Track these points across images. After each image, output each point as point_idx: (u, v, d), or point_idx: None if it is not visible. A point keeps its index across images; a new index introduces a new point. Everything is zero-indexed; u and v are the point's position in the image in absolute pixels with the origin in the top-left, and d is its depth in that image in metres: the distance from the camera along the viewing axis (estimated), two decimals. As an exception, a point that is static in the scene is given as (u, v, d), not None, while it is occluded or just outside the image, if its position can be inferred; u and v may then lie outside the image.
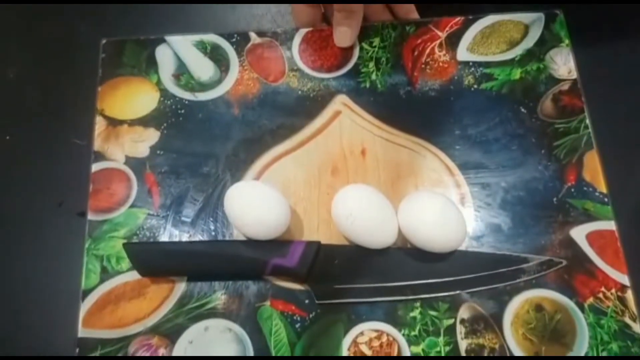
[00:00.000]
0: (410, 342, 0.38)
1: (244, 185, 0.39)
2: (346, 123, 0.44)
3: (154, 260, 0.39)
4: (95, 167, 0.43)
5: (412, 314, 0.39)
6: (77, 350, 0.38)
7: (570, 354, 0.37)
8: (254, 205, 0.38)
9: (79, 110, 0.45)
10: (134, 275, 0.40)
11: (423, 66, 0.46)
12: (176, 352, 0.38)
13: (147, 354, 0.38)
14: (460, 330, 0.38)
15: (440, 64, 0.46)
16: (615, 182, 0.42)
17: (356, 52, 0.46)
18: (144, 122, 0.44)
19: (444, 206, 0.38)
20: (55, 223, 0.42)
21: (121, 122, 0.44)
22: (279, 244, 0.39)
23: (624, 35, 0.46)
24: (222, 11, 0.50)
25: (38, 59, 0.48)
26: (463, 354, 0.38)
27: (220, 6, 0.50)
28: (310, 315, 0.39)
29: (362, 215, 0.38)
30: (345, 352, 0.38)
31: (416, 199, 0.39)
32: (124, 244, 0.40)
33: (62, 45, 0.48)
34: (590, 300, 0.39)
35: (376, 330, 0.38)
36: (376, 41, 0.47)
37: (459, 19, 0.47)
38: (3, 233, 0.42)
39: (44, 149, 0.44)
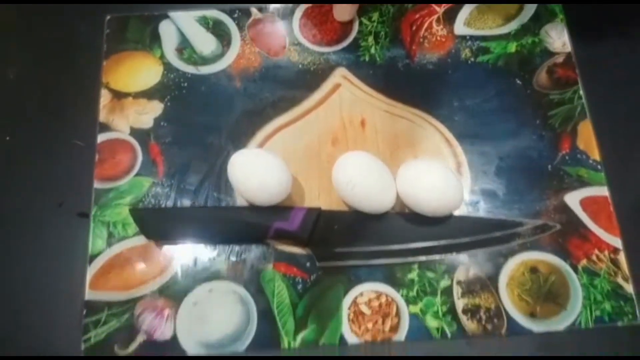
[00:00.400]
0: (408, 302, 0.39)
1: (247, 153, 0.41)
2: (346, 95, 0.45)
3: (159, 225, 0.40)
4: (100, 137, 0.44)
5: (410, 276, 0.40)
6: (85, 312, 0.39)
7: (564, 313, 0.38)
8: (257, 171, 0.39)
9: (79, 111, 0.45)
10: (139, 241, 0.41)
11: (421, 40, 0.47)
12: (181, 313, 0.39)
13: (153, 316, 0.39)
14: (456, 290, 0.39)
15: (438, 38, 0.47)
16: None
17: (355, 27, 0.47)
18: (148, 94, 0.45)
19: (441, 172, 0.39)
20: (55, 223, 0.42)
21: (126, 95, 0.45)
22: (281, 209, 0.40)
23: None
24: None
25: (38, 59, 0.48)
26: (460, 313, 0.39)
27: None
28: (312, 278, 0.40)
29: (361, 181, 0.39)
30: (345, 312, 0.39)
31: (414, 165, 0.40)
32: (130, 209, 0.41)
33: (62, 45, 0.48)
34: (584, 262, 0.40)
35: (375, 291, 0.39)
36: (375, 16, 0.48)
37: (455, -6, 0.48)
38: (3, 233, 0.42)
39: (44, 150, 0.44)
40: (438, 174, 0.39)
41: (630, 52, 0.46)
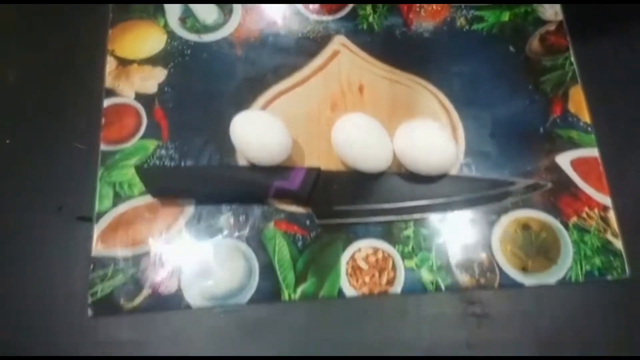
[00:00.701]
0: (404, 257, 0.40)
1: (249, 113, 0.42)
2: (344, 62, 0.47)
3: (164, 183, 0.42)
4: (107, 102, 0.45)
5: (405, 233, 0.41)
6: (92, 267, 0.40)
7: (555, 267, 0.40)
8: (258, 131, 0.41)
9: (79, 114, 0.46)
10: (145, 200, 0.42)
11: (418, 9, 0.48)
12: (185, 269, 0.40)
13: (157, 272, 0.40)
14: (451, 247, 0.41)
15: (434, 7, 0.48)
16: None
17: (354, -4, 0.49)
18: (153, 61, 0.47)
19: (436, 131, 0.41)
20: (55, 227, 0.42)
21: (131, 62, 0.47)
22: (282, 169, 0.42)
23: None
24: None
25: (38, 61, 0.48)
26: (453, 267, 0.40)
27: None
28: (311, 235, 0.41)
29: (360, 141, 0.41)
30: (343, 266, 0.40)
31: (411, 125, 0.41)
32: (135, 167, 0.42)
33: (63, 47, 0.48)
34: (574, 219, 0.41)
35: (373, 247, 0.41)
36: (373, -14, 0.49)
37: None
38: (1, 237, 0.43)
39: (44, 153, 0.45)
40: (434, 134, 0.40)
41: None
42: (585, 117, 0.44)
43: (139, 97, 0.46)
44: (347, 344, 0.39)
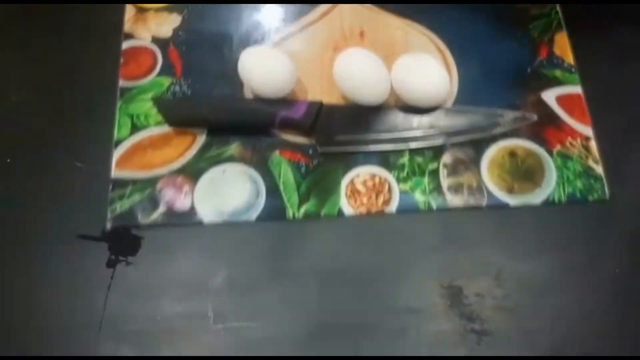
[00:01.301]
0: (399, 181, 0.44)
1: (256, 49, 0.46)
2: (346, 9, 0.50)
3: (178, 111, 0.45)
4: (125, 44, 0.49)
5: (401, 160, 0.44)
6: (111, 187, 0.44)
7: (539, 190, 0.43)
8: (264, 64, 0.44)
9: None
10: (160, 129, 0.46)
11: (414, -38, 0.52)
12: (198, 189, 0.44)
13: (173, 191, 0.44)
14: (442, 172, 0.44)
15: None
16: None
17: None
18: (168, 8, 0.50)
19: (431, 65, 0.44)
20: (56, 246, 0.43)
21: (148, 10, 0.50)
22: (286, 101, 0.45)
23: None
24: None
25: (41, 80, 0.49)
26: (445, 190, 0.43)
27: None
28: (313, 162, 0.45)
29: (359, 74, 0.44)
30: (343, 190, 0.43)
31: (408, 59, 0.45)
32: (153, 98, 0.46)
33: (65, 66, 0.50)
34: (558, 147, 0.44)
35: (370, 173, 0.44)
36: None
37: None
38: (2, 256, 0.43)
39: (44, 172, 0.45)
40: (430, 67, 0.44)
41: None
42: (570, 59, 0.47)
43: (155, 40, 0.49)
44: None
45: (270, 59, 0.44)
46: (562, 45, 0.48)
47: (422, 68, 0.44)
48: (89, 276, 0.42)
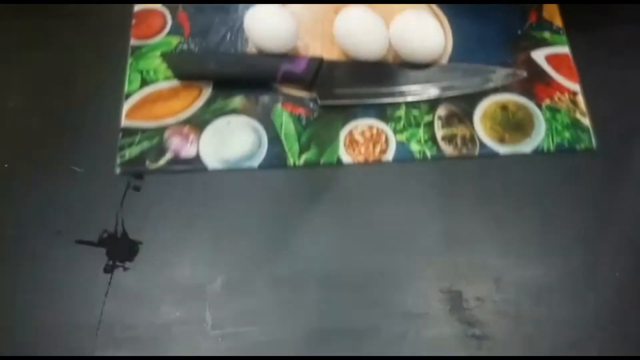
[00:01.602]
0: (395, 132, 0.46)
1: (262, 6, 0.48)
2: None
3: (186, 65, 0.48)
4: (136, 7, 0.52)
5: (398, 113, 0.46)
6: (121, 135, 0.46)
7: (529, 140, 0.45)
8: (268, 20, 0.47)
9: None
10: (169, 83, 0.48)
11: None
12: (203, 138, 0.46)
13: (179, 139, 0.46)
14: (437, 124, 0.46)
15: None
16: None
17: None
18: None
19: (427, 22, 0.46)
20: (54, 251, 0.43)
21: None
22: (289, 56, 0.47)
23: None
24: None
25: (37, 86, 0.50)
26: (439, 140, 0.45)
27: None
28: (314, 115, 0.47)
29: (359, 31, 0.46)
30: (342, 140, 0.46)
31: (406, 16, 0.47)
32: (162, 54, 0.48)
33: (62, 69, 0.50)
34: (547, 101, 0.46)
35: (368, 125, 0.46)
36: None
37: None
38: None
39: (41, 176, 0.46)
40: (425, 24, 0.46)
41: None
42: (558, 22, 0.50)
43: (165, 2, 0.52)
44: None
45: (274, 16, 0.47)
46: (551, 11, 0.50)
47: (419, 25, 0.46)
48: (87, 282, 0.42)
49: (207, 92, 0.48)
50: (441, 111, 0.46)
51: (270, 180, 0.45)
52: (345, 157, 0.45)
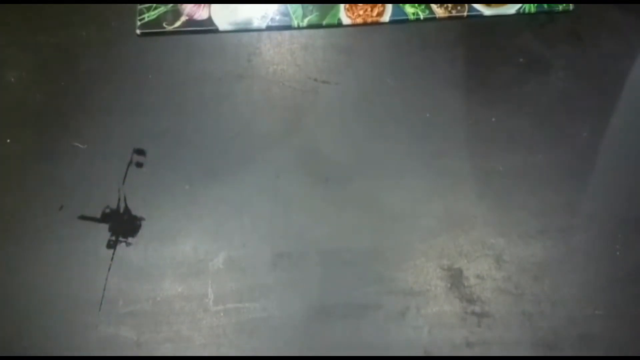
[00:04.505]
0: None
1: None
2: None
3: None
4: None
5: (394, -19, 0.51)
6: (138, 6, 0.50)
7: (511, 5, 0.49)
8: None
9: (79, 113, 0.47)
10: None
11: None
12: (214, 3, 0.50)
13: (192, 4, 0.50)
14: None
15: None
16: None
17: None
18: None
19: None
20: (57, 227, 0.43)
21: None
22: None
23: None
24: None
25: (39, 62, 0.49)
26: (431, 4, 0.49)
27: None
28: (316, -17, 0.51)
29: None
30: (342, 5, 0.50)
31: None
32: None
33: (63, 48, 0.49)
34: (530, -30, 0.50)
35: (366, -9, 0.50)
36: None
37: None
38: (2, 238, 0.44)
39: (44, 152, 0.46)
40: None
41: None
42: None
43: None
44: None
45: None
46: None
47: None
48: (90, 257, 0.43)
49: None
50: (434, -17, 0.51)
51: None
52: (345, 19, 0.49)
